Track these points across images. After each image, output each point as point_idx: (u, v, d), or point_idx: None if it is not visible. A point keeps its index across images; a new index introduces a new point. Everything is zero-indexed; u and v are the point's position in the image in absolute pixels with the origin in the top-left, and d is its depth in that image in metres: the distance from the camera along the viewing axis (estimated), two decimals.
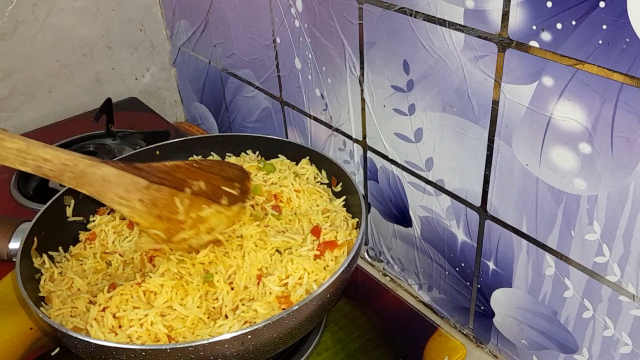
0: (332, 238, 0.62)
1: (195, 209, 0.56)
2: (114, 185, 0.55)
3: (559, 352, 0.61)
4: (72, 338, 0.51)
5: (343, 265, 0.55)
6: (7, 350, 0.66)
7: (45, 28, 1.03)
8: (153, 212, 0.55)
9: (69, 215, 0.70)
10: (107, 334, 0.53)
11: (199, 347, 0.49)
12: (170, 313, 0.55)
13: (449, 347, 0.65)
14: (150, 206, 0.55)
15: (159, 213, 0.55)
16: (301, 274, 0.58)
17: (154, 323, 0.53)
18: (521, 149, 0.54)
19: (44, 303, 0.59)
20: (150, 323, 0.53)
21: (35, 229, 0.63)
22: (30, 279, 0.60)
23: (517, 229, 0.58)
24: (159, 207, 0.55)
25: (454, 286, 0.71)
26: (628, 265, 0.49)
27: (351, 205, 0.69)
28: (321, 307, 0.55)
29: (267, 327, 0.50)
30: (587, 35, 0.44)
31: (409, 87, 0.63)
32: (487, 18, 0.51)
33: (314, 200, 0.69)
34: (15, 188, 0.90)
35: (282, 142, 0.78)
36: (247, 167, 0.72)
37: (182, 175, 0.57)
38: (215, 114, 1.11)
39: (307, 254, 0.60)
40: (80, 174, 0.55)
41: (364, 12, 0.64)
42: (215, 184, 0.58)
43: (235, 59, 0.94)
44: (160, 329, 0.53)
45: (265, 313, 0.54)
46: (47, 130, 1.07)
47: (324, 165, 0.74)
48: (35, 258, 0.62)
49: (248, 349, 0.51)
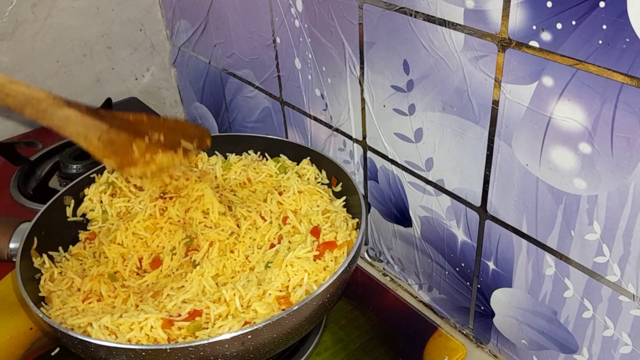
0: (332, 239, 0.62)
1: (150, 152, 0.57)
2: (74, 123, 0.57)
3: (559, 352, 0.61)
4: (72, 338, 0.51)
5: (343, 266, 0.55)
6: (7, 350, 0.66)
7: (45, 28, 1.03)
8: (109, 148, 0.57)
9: (68, 215, 0.70)
10: (107, 335, 0.53)
11: (199, 347, 0.49)
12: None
13: (449, 347, 0.65)
14: (108, 144, 0.57)
15: (115, 150, 0.57)
16: (302, 275, 0.58)
17: (153, 328, 0.53)
18: (521, 149, 0.54)
19: (44, 303, 0.59)
20: (150, 327, 0.53)
21: (35, 229, 0.63)
22: (30, 279, 0.60)
23: (517, 229, 0.58)
24: (115, 146, 0.57)
25: (454, 286, 0.71)
26: (628, 265, 0.49)
27: (351, 206, 0.69)
28: (321, 307, 0.55)
29: (267, 327, 0.50)
30: (587, 35, 0.44)
31: (409, 87, 0.63)
32: (487, 18, 0.51)
33: (314, 200, 0.70)
34: (15, 188, 0.90)
35: (283, 142, 0.78)
36: (265, 177, 0.73)
37: (144, 127, 0.59)
38: (215, 114, 1.11)
39: (306, 256, 0.59)
40: (43, 111, 0.57)
41: (364, 12, 0.64)
42: (174, 138, 0.60)
43: (235, 59, 0.94)
44: (160, 335, 0.53)
45: (265, 313, 0.54)
46: (47, 130, 1.06)
47: (324, 166, 0.74)
48: (35, 258, 0.62)
49: (248, 349, 0.51)
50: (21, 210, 0.86)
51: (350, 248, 0.60)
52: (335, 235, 0.62)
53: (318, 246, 0.61)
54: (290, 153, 0.77)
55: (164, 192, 0.69)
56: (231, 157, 0.79)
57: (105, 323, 0.53)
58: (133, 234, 0.66)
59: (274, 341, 0.53)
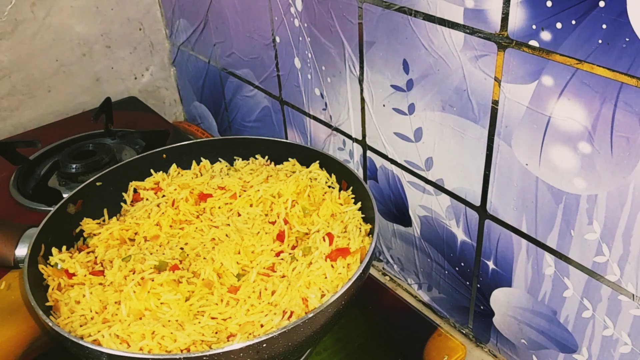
0: (345, 245, 0.61)
1: None
2: None
3: (559, 351, 0.61)
4: (83, 347, 0.50)
5: (357, 272, 0.55)
6: (6, 350, 0.66)
7: (44, 27, 1.03)
8: None
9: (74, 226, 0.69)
10: (118, 344, 0.52)
11: (213, 356, 0.48)
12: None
13: (448, 346, 0.65)
14: None
15: None
16: (320, 284, 0.57)
17: (164, 337, 0.52)
18: (521, 149, 0.54)
19: (52, 312, 0.58)
20: (161, 337, 0.52)
21: (41, 236, 0.62)
22: (38, 286, 0.59)
23: (516, 228, 0.58)
24: None
25: (453, 286, 0.71)
26: (628, 264, 0.49)
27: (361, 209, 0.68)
28: (336, 314, 0.55)
29: (282, 335, 0.49)
30: (587, 35, 0.44)
31: (409, 86, 0.63)
32: (487, 17, 0.51)
33: (327, 206, 0.68)
34: (15, 187, 0.90)
35: (291, 145, 0.77)
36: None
37: None
38: (215, 114, 1.11)
39: (319, 264, 0.59)
40: None
41: (364, 11, 0.64)
42: None
43: (235, 58, 0.94)
44: (173, 345, 0.52)
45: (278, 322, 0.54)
46: (47, 130, 1.07)
47: (333, 169, 0.72)
48: (42, 265, 0.61)
49: (263, 357, 0.50)
50: (20, 209, 0.86)
51: (364, 255, 0.60)
52: (349, 242, 0.61)
53: (331, 252, 0.60)
54: (299, 156, 0.76)
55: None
56: (237, 163, 0.78)
57: (115, 331, 0.53)
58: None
59: (289, 349, 0.52)
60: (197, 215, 0.70)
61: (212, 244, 0.65)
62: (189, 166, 0.78)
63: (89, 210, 0.71)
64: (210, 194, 0.72)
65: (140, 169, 0.76)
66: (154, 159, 0.77)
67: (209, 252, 0.63)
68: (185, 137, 1.03)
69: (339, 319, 0.57)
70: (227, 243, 0.63)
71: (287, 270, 0.60)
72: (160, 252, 0.64)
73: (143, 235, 0.67)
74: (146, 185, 0.75)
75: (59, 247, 0.65)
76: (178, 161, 0.78)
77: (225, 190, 0.72)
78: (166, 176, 0.76)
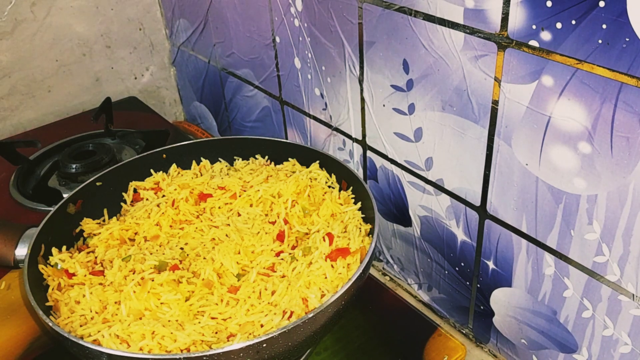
0: (345, 245, 0.61)
1: None
2: None
3: (559, 351, 0.61)
4: (83, 347, 0.50)
5: (357, 272, 0.55)
6: (6, 350, 0.66)
7: (44, 27, 1.03)
8: None
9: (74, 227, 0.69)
10: (118, 345, 0.52)
11: (213, 356, 0.48)
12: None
13: (448, 346, 0.65)
14: None
15: None
16: (320, 284, 0.57)
17: (164, 337, 0.52)
18: (521, 149, 0.54)
19: (52, 312, 0.58)
20: (161, 337, 0.52)
21: (41, 236, 0.62)
22: (38, 286, 0.59)
23: (516, 228, 0.58)
24: None
25: (453, 286, 0.71)
26: (628, 264, 0.49)
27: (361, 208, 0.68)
28: (336, 314, 0.55)
29: (282, 335, 0.49)
30: (586, 35, 0.44)
31: (409, 86, 0.63)
32: (487, 17, 0.51)
33: (327, 206, 0.68)
34: (15, 187, 0.90)
35: (291, 145, 0.77)
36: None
37: None
38: (215, 114, 1.11)
39: (319, 264, 0.59)
40: None
41: (364, 11, 0.64)
42: None
43: (235, 58, 0.94)
44: (173, 345, 0.52)
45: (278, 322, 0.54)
46: (47, 130, 1.07)
47: (333, 169, 0.73)
48: (42, 265, 0.61)
49: (263, 357, 0.50)
50: (20, 209, 0.86)
51: (364, 255, 0.60)
52: (349, 242, 0.61)
53: (331, 252, 0.60)
54: (299, 156, 0.76)
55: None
56: (237, 163, 0.78)
57: (115, 331, 0.53)
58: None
59: (289, 349, 0.52)
60: (197, 215, 0.70)
61: (212, 244, 0.65)
62: (189, 166, 0.78)
63: (89, 210, 0.71)
64: (210, 194, 0.72)
65: (140, 169, 0.76)
66: (154, 159, 0.77)
67: (209, 252, 0.63)
68: (185, 137, 1.03)
69: (339, 319, 0.57)
70: (227, 243, 0.63)
71: (287, 270, 0.60)
72: (160, 252, 0.64)
73: (143, 235, 0.67)
74: (146, 185, 0.75)
75: (59, 247, 0.65)
76: (178, 161, 0.78)
77: (225, 190, 0.72)
78: (166, 176, 0.76)
